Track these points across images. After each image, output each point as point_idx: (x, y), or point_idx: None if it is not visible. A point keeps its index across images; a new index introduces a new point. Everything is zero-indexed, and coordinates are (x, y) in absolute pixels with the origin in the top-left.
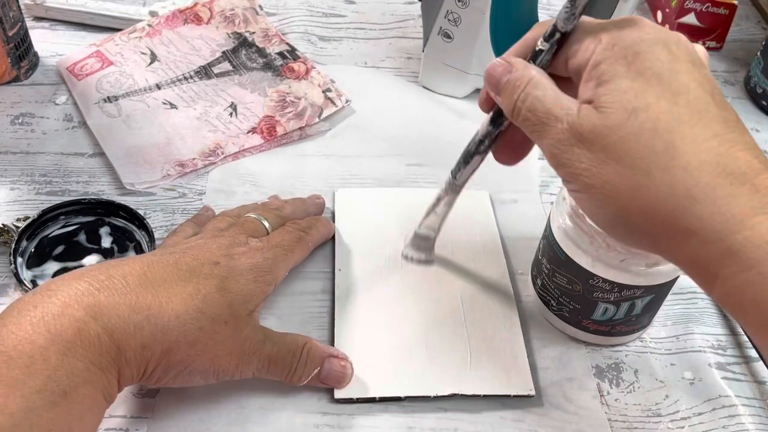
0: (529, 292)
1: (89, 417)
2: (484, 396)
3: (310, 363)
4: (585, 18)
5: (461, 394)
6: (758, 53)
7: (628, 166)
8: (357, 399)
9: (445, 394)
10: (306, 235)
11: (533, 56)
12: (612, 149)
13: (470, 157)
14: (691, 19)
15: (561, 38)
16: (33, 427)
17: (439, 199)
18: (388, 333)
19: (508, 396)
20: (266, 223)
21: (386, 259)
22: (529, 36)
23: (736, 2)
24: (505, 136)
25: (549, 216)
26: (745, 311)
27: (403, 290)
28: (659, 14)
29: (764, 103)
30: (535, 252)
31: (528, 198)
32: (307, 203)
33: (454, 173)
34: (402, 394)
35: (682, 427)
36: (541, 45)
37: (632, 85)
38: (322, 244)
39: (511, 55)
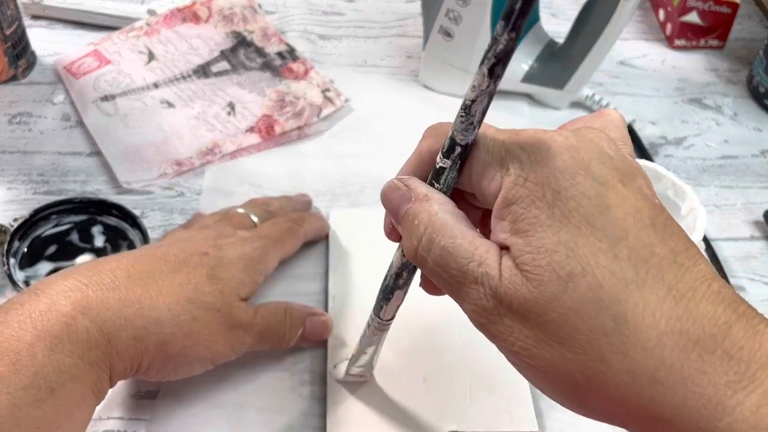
0: None
1: (78, 414)
2: None
3: (293, 325)
4: (489, 129)
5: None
6: (761, 52)
7: (576, 350)
8: None
9: (445, 431)
10: (297, 227)
11: (435, 175)
12: (552, 329)
13: (390, 293)
14: (693, 17)
15: (462, 152)
16: (20, 425)
17: (364, 342)
18: (383, 365)
19: None
20: (254, 217)
21: (381, 285)
22: (423, 146)
23: (738, 1)
24: None
25: None
26: None
27: (398, 318)
28: (661, 12)
29: (767, 102)
30: None
31: None
32: (294, 200)
33: (377, 311)
34: None
35: None
36: (441, 162)
37: (560, 239)
38: (319, 253)
39: (408, 172)
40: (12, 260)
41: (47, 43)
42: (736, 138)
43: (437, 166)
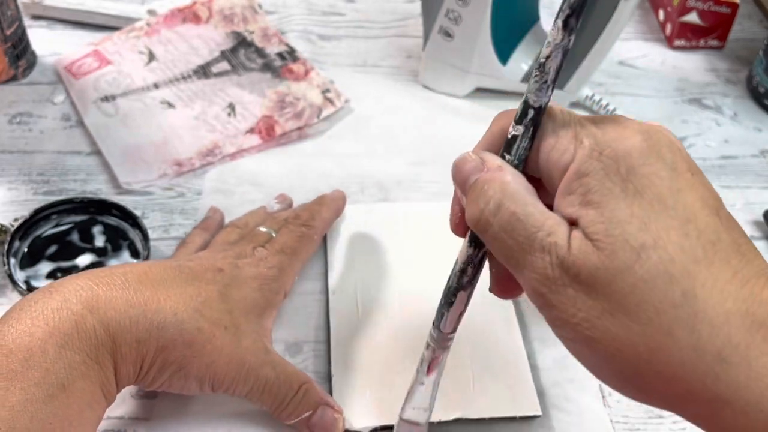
0: None
1: (89, 413)
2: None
3: (304, 404)
4: (552, 105)
5: (466, 418)
6: (760, 52)
7: (642, 322)
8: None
9: (449, 419)
10: (309, 229)
11: (506, 146)
12: (619, 299)
13: (453, 295)
14: (693, 17)
15: (536, 116)
16: (33, 420)
17: (423, 363)
18: (387, 356)
19: (515, 417)
20: (275, 235)
21: (381, 278)
22: (494, 128)
23: (738, 1)
24: (495, 260)
25: None
26: None
27: (399, 308)
28: (661, 13)
29: (767, 102)
30: None
31: None
32: (321, 207)
33: (437, 322)
34: None
35: (684, 429)
36: (513, 130)
37: (633, 212)
38: (319, 253)
39: (482, 148)
40: (12, 260)
41: (47, 43)
42: (736, 138)
43: (509, 136)
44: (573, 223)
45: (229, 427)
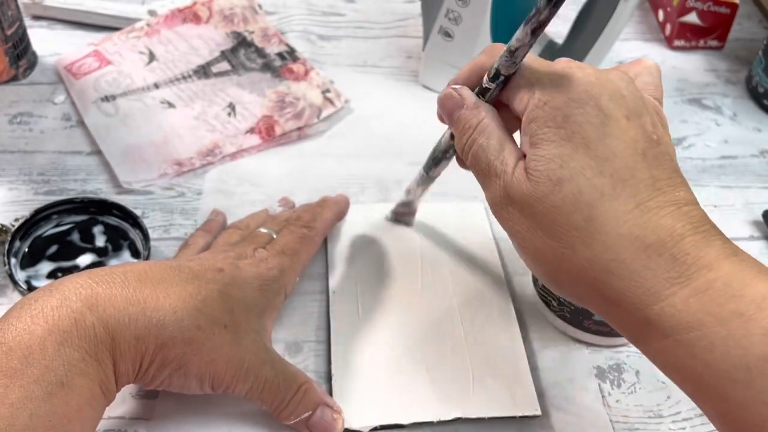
0: (529, 292)
1: (88, 410)
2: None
3: (303, 404)
4: (528, 58)
5: (465, 418)
6: (760, 52)
7: (553, 238)
8: (357, 431)
9: (449, 419)
10: (310, 230)
11: (481, 91)
12: (539, 219)
13: (438, 162)
14: (692, 18)
15: (505, 80)
16: (32, 417)
17: (412, 187)
18: (387, 356)
19: (514, 417)
20: (276, 237)
21: (381, 278)
22: (478, 61)
23: (737, 1)
24: None
25: None
26: (670, 374)
27: (399, 308)
28: (660, 13)
29: (766, 102)
30: None
31: None
32: (323, 209)
33: (426, 170)
34: (404, 421)
35: (684, 428)
36: (486, 83)
37: (559, 153)
38: (320, 253)
39: (461, 81)
40: (13, 260)
41: (48, 43)
42: (735, 138)
43: (483, 86)
44: (524, 156)
45: (229, 427)
